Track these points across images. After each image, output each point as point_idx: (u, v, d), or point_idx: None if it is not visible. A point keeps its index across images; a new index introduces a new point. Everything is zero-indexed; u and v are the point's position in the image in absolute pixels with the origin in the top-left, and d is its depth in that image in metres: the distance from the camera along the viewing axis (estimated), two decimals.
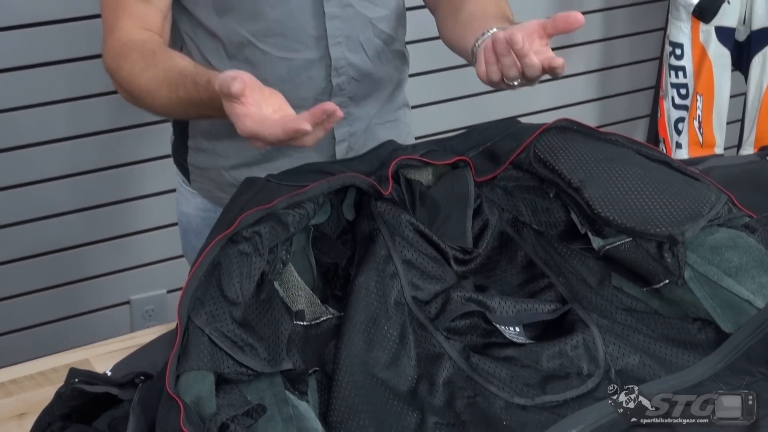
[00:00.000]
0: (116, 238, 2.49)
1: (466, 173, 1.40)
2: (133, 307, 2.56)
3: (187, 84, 1.37)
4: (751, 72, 2.96)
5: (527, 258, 1.38)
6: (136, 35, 1.46)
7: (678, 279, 1.25)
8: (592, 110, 3.12)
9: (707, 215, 1.28)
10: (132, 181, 2.46)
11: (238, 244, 1.19)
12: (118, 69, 1.45)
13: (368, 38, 1.61)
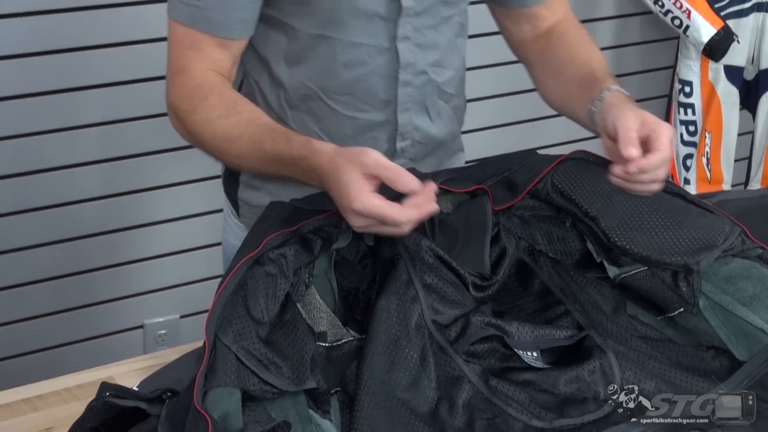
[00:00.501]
0: (131, 263, 2.51)
1: (485, 201, 1.43)
2: (146, 332, 2.58)
3: (276, 138, 1.35)
4: (759, 110, 2.99)
5: (543, 285, 1.41)
6: (210, 77, 1.42)
7: (693, 308, 1.28)
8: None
9: (721, 246, 1.31)
10: (148, 206, 2.48)
11: (264, 265, 1.23)
12: (192, 111, 1.40)
13: (434, 101, 1.59)
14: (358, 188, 1.22)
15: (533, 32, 1.66)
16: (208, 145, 1.41)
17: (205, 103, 1.39)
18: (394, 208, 1.22)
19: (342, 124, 1.53)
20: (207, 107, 1.39)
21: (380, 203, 1.21)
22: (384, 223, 1.23)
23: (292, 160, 1.33)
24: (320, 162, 1.28)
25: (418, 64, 1.52)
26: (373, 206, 1.21)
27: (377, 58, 1.50)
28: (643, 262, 1.32)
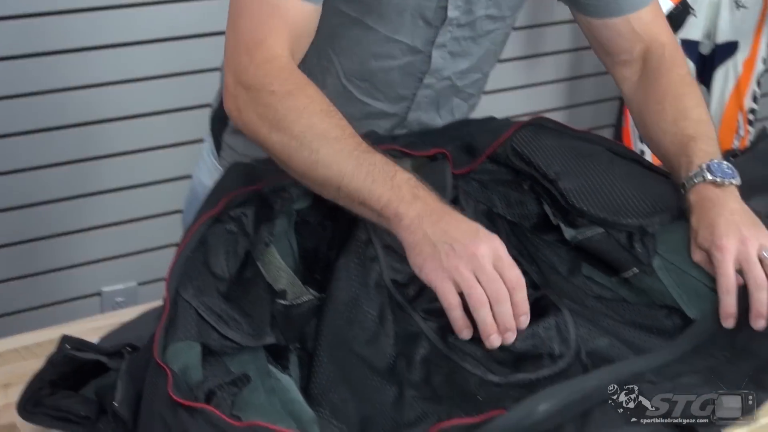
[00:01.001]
0: (89, 230, 2.50)
1: (445, 165, 1.44)
2: (104, 299, 2.57)
3: (374, 158, 1.20)
4: (713, 85, 3.03)
5: None
6: (295, 65, 1.30)
7: (647, 268, 1.31)
8: (559, 117, 3.10)
9: (676, 208, 1.34)
10: (107, 173, 2.47)
11: (225, 223, 1.24)
12: (288, 95, 1.24)
13: (447, 100, 1.57)
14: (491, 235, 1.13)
15: (631, 68, 1.55)
16: (295, 137, 1.22)
17: (305, 92, 1.25)
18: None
19: (352, 107, 1.49)
20: (307, 97, 1.24)
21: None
22: (495, 284, 1.10)
23: (387, 173, 1.18)
24: (435, 201, 1.18)
25: (445, 71, 1.50)
26: (504, 254, 1.11)
27: (408, 56, 1.47)
28: (599, 223, 1.35)
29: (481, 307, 1.09)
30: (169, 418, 1.03)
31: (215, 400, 1.05)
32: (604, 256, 1.36)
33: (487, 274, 1.09)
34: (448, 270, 1.10)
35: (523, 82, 3.06)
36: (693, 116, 1.42)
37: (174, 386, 1.05)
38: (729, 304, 1.22)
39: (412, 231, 1.13)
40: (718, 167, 1.32)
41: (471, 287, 1.09)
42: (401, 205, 1.14)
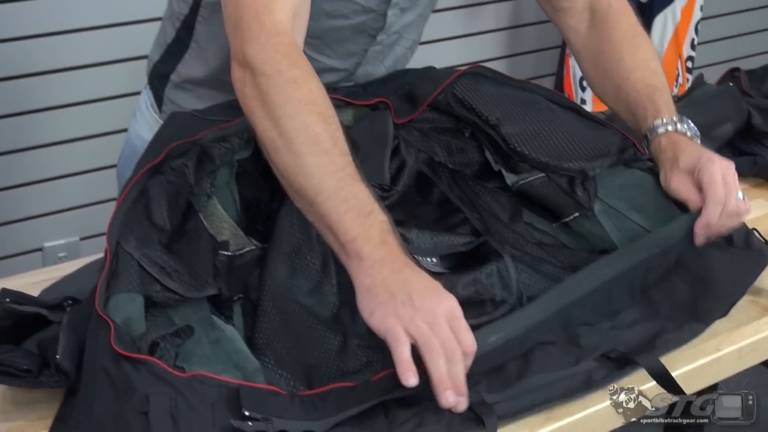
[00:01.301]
0: (28, 185, 2.47)
1: (386, 115, 1.44)
2: (45, 254, 2.54)
3: (359, 189, 1.10)
4: (652, 32, 3.06)
5: (443, 195, 1.44)
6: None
7: (588, 211, 1.34)
8: (500, 67, 3.10)
9: (615, 154, 1.37)
10: (46, 127, 2.43)
11: (166, 174, 1.23)
12: (293, 84, 1.14)
13: (392, 51, 1.54)
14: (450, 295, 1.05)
15: (577, 18, 1.53)
16: (285, 133, 1.13)
17: (309, 85, 1.15)
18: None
19: None
20: (311, 92, 1.15)
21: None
22: (449, 345, 1.01)
23: (364, 207, 1.09)
24: (401, 251, 1.08)
25: (395, 26, 1.49)
26: (459, 314, 1.03)
27: (362, 16, 1.45)
28: (541, 168, 1.37)
29: (438, 359, 0.99)
30: (113, 371, 1.03)
31: (159, 352, 1.05)
32: (545, 200, 1.38)
33: (444, 332, 1.00)
34: (402, 318, 1.01)
35: (463, 31, 3.06)
36: (651, 67, 1.43)
37: (116, 338, 1.05)
38: (713, 215, 1.22)
39: (371, 275, 1.05)
40: (688, 124, 1.34)
41: (428, 338, 1.00)
42: (366, 246, 1.06)
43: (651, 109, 1.36)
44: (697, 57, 3.20)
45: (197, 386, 1.02)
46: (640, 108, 1.38)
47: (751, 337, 1.23)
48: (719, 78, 1.92)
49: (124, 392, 1.01)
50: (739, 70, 1.87)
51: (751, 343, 1.22)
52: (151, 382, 1.02)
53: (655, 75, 1.42)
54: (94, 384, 1.04)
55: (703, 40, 3.31)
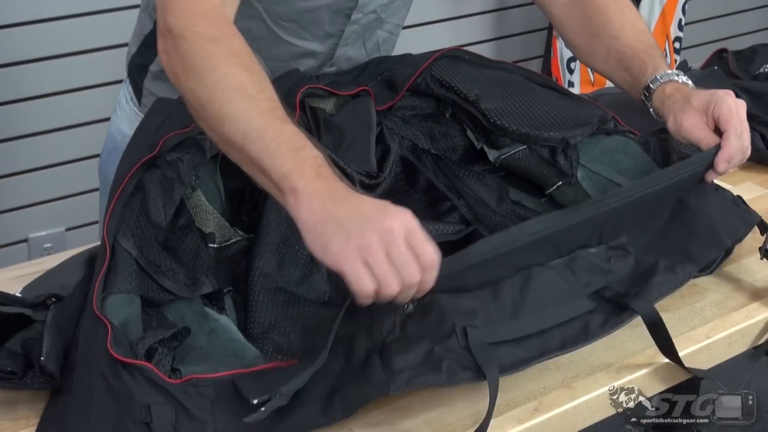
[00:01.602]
0: (13, 175, 2.45)
1: (368, 101, 1.44)
2: (31, 245, 2.52)
3: (286, 127, 1.07)
4: (639, 12, 3.02)
5: (428, 182, 1.43)
6: (227, 18, 1.20)
7: (571, 179, 1.35)
8: (487, 50, 3.16)
9: (596, 123, 1.37)
10: (30, 117, 2.41)
11: (162, 168, 1.21)
12: (213, 41, 1.13)
13: (373, 33, 1.53)
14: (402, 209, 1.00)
15: None
16: (208, 85, 1.11)
17: (230, 41, 1.15)
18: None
19: (277, 48, 1.46)
20: (231, 47, 1.14)
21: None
22: (407, 263, 0.95)
23: (294, 144, 1.06)
24: (337, 181, 1.04)
25: (371, 5, 1.47)
26: (417, 228, 0.97)
27: None
28: (522, 139, 1.37)
29: (389, 295, 0.96)
30: (111, 378, 1.02)
31: (156, 357, 1.05)
32: (528, 172, 1.38)
33: (402, 255, 0.95)
34: (359, 249, 0.95)
35: (450, 14, 3.04)
36: (640, 27, 1.42)
37: (113, 341, 1.04)
38: (736, 147, 1.22)
39: (313, 209, 0.99)
40: (690, 80, 1.33)
41: (386, 275, 0.94)
42: (300, 180, 1.01)
43: (650, 62, 1.35)
44: (684, 37, 3.18)
45: (192, 392, 1.02)
46: (637, 61, 1.36)
47: (741, 323, 1.22)
48: (706, 59, 1.91)
49: (122, 401, 1.01)
50: (726, 51, 1.86)
51: (741, 329, 1.22)
52: (149, 391, 1.01)
53: (645, 34, 1.41)
54: (91, 388, 1.03)
55: (690, 20, 3.29)
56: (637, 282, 1.17)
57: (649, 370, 1.13)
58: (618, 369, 1.13)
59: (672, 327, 1.17)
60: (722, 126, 1.24)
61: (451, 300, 1.09)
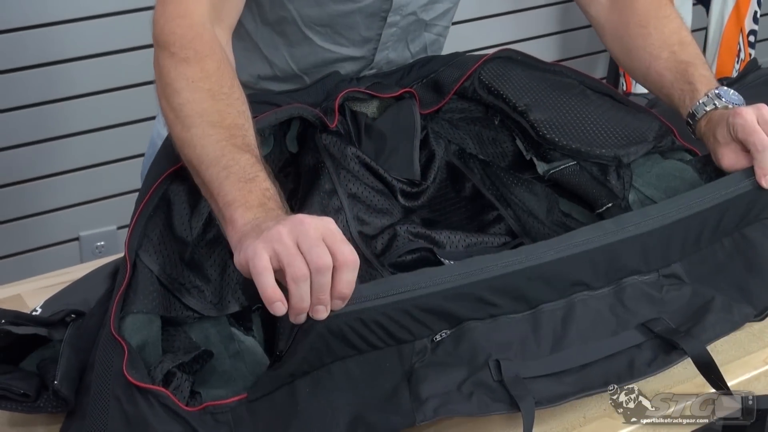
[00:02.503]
0: (65, 173, 2.43)
1: (412, 104, 1.37)
2: (82, 244, 2.50)
3: (242, 159, 1.05)
4: (712, 5, 2.93)
5: (475, 189, 1.36)
6: (210, 33, 1.18)
7: (622, 201, 1.25)
8: (552, 44, 3.07)
9: (652, 141, 1.27)
10: (84, 115, 2.39)
11: (189, 180, 1.15)
12: (186, 62, 1.14)
13: (417, 36, 1.47)
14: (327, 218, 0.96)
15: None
16: (173, 108, 1.12)
17: (202, 63, 1.14)
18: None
19: (314, 54, 1.41)
20: (202, 70, 1.13)
21: None
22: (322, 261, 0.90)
23: (245, 174, 1.03)
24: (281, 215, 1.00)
25: (408, 6, 1.40)
26: (336, 229, 0.94)
27: None
28: (572, 155, 1.28)
29: (300, 280, 0.90)
30: (126, 402, 0.97)
31: (174, 382, 0.99)
32: (577, 190, 1.29)
33: (311, 240, 0.90)
34: (267, 239, 0.91)
35: (512, 7, 2.94)
36: (681, 40, 1.33)
37: (129, 364, 0.98)
38: (764, 162, 1.15)
39: (240, 230, 0.97)
40: (726, 93, 1.24)
41: (291, 255, 0.90)
42: (240, 209, 0.99)
43: (688, 90, 1.26)
44: (760, 30, 3.05)
45: (209, 420, 0.97)
46: (676, 91, 1.28)
47: None
48: None
49: (137, 428, 0.96)
50: None
51: None
52: (165, 419, 0.96)
53: (686, 47, 1.32)
54: (105, 413, 0.98)
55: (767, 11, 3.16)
56: (691, 317, 1.08)
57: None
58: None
59: (727, 351, 1.11)
60: (745, 145, 1.16)
61: (486, 329, 1.02)
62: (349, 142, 1.32)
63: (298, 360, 0.96)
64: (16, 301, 1.25)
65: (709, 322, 1.06)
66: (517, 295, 1.03)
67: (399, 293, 0.97)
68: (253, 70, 1.43)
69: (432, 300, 0.99)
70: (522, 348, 1.01)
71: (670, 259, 1.13)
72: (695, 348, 1.03)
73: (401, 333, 0.99)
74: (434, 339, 1.02)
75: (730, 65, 3.00)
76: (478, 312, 1.02)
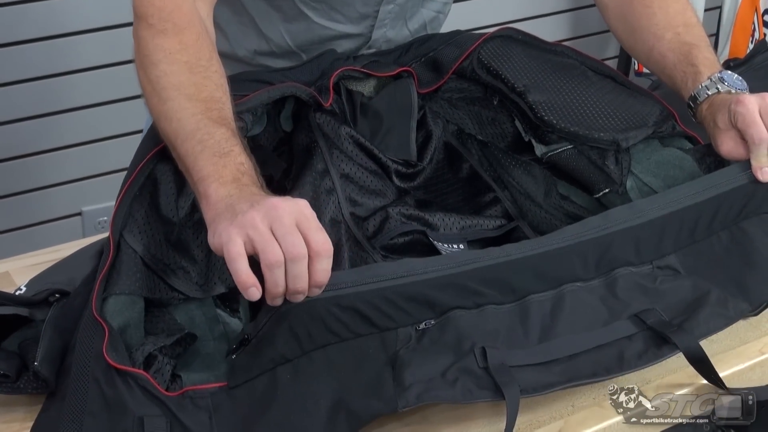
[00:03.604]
0: (69, 147, 2.41)
1: (409, 83, 1.34)
2: (85, 219, 2.49)
3: (217, 132, 1.05)
4: None
5: (472, 170, 1.34)
6: (190, 4, 1.16)
7: (619, 187, 1.22)
8: (564, 21, 3.02)
9: (652, 126, 1.24)
10: (88, 89, 2.37)
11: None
12: (162, 33, 1.13)
13: (414, 14, 1.44)
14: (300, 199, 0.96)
15: None
16: (150, 80, 1.11)
17: (180, 36, 1.13)
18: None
19: (311, 31, 1.38)
20: (180, 42, 1.12)
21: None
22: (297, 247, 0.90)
23: (220, 148, 1.03)
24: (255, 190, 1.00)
25: None
26: (310, 214, 0.93)
27: None
28: (570, 138, 1.25)
29: (275, 267, 0.89)
30: (105, 386, 0.95)
31: (155, 365, 0.98)
32: (575, 174, 1.26)
33: (285, 227, 0.90)
34: (241, 225, 0.91)
35: None
36: (686, 21, 1.30)
37: (110, 346, 0.97)
38: (759, 157, 1.12)
39: (216, 208, 0.96)
40: (730, 78, 1.21)
41: (266, 242, 0.89)
42: (214, 184, 0.98)
43: (690, 72, 1.23)
44: None
45: (188, 405, 0.95)
46: (679, 72, 1.25)
47: None
48: None
49: (116, 411, 0.94)
50: None
51: None
52: (143, 402, 0.94)
53: (691, 28, 1.28)
54: (84, 396, 0.96)
55: None
56: (685, 311, 1.05)
57: (691, 389, 1.03)
58: (657, 387, 1.03)
59: (722, 340, 1.08)
60: (744, 137, 1.14)
61: (472, 318, 1.00)
62: (344, 121, 1.29)
63: (279, 346, 0.95)
64: (4, 278, 1.23)
65: (703, 316, 1.04)
66: (503, 285, 1.02)
67: (380, 281, 0.96)
68: (249, 45, 1.40)
69: (415, 288, 0.98)
70: (509, 337, 0.99)
71: (663, 251, 1.11)
72: (688, 343, 1.00)
73: (383, 321, 0.97)
74: (418, 327, 0.99)
75: (744, 45, 2.96)
76: (464, 301, 1.00)
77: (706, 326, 1.03)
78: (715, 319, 1.04)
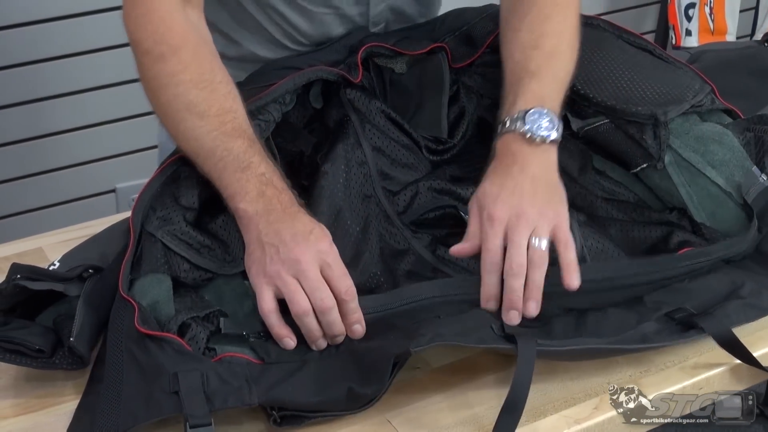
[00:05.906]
0: (102, 125, 2.42)
1: (441, 59, 1.33)
2: (119, 195, 2.50)
3: (242, 144, 1.08)
4: None
5: None
6: (181, 20, 1.16)
7: (657, 162, 1.20)
8: None
9: (691, 100, 1.21)
10: (121, 66, 2.36)
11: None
12: (161, 59, 1.13)
13: None
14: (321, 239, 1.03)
15: None
16: (161, 105, 1.13)
17: (178, 56, 1.13)
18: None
19: (309, 18, 1.34)
20: (179, 62, 1.12)
21: None
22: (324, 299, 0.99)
23: (240, 162, 1.07)
24: (281, 200, 1.06)
25: None
26: (333, 259, 1.01)
27: None
28: (607, 112, 1.23)
29: (304, 316, 0.98)
30: (138, 353, 0.96)
31: (189, 333, 0.99)
32: (612, 148, 1.24)
33: (310, 281, 0.99)
34: (269, 275, 1.00)
35: None
36: (546, 46, 1.20)
37: (141, 319, 0.98)
38: (490, 285, 1.03)
39: (249, 230, 1.04)
40: (537, 118, 1.11)
41: (292, 293, 0.98)
42: (242, 203, 1.05)
43: (510, 101, 1.15)
44: None
45: (226, 366, 0.97)
46: (504, 97, 1.18)
47: None
48: None
49: (152, 373, 0.95)
50: None
51: None
52: (179, 360, 0.95)
53: (547, 57, 1.19)
54: (120, 369, 0.97)
55: None
56: (715, 300, 1.04)
57: (726, 368, 1.02)
58: (694, 366, 1.02)
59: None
60: None
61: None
62: (375, 96, 1.28)
63: None
64: (37, 254, 1.24)
65: (733, 306, 1.03)
66: None
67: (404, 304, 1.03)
68: (249, 44, 1.38)
69: None
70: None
71: None
72: (716, 328, 1.00)
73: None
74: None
75: None
76: None
77: (736, 316, 1.02)
78: (746, 311, 1.03)
